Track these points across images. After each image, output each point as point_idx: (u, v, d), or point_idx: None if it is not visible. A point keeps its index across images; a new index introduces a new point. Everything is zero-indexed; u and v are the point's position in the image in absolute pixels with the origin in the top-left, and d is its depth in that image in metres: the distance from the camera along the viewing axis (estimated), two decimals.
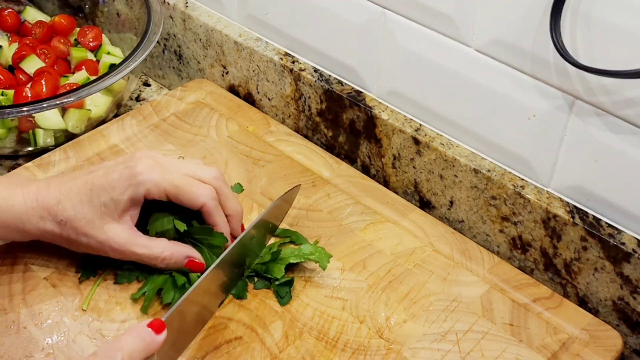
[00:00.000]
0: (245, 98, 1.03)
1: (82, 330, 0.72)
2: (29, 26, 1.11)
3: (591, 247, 0.77)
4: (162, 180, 0.73)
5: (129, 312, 0.74)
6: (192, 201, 0.74)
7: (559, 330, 0.75)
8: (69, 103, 0.91)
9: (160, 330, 0.61)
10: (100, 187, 0.73)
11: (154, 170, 0.73)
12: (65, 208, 0.73)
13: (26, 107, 0.88)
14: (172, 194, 0.73)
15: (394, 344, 0.73)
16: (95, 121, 1.00)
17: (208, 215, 0.75)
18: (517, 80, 0.77)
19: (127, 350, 0.59)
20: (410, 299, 0.77)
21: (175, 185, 0.73)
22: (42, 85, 1.00)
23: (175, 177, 0.74)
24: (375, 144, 0.91)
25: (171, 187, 0.73)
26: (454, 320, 0.75)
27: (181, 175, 0.74)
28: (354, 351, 0.72)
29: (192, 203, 0.74)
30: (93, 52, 1.10)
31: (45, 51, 1.06)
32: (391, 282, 0.79)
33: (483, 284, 0.79)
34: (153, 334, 0.61)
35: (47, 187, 0.74)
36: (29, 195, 0.73)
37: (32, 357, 0.69)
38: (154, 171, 0.73)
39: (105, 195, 0.72)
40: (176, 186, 0.73)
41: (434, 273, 0.80)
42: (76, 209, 0.73)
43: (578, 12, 0.69)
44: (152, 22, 1.00)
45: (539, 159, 0.79)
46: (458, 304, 0.77)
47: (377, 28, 0.86)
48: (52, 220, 0.73)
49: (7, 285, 0.75)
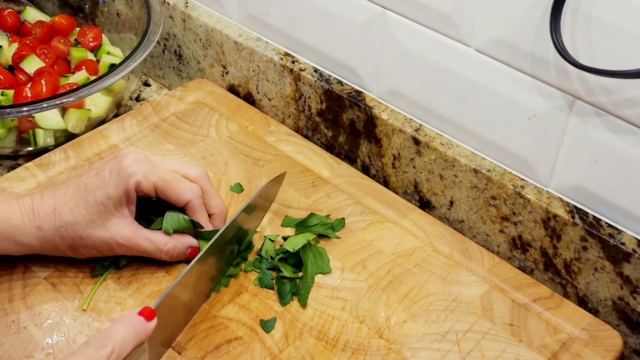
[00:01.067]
0: (245, 98, 1.03)
1: (82, 330, 0.72)
2: (29, 26, 1.11)
3: (591, 247, 0.77)
4: (150, 174, 0.73)
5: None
6: (179, 197, 0.75)
7: (559, 330, 0.75)
8: (69, 103, 0.91)
9: (150, 318, 0.62)
10: (94, 186, 0.73)
11: (143, 163, 0.73)
12: (62, 214, 0.73)
13: (26, 107, 0.88)
14: (160, 188, 0.74)
15: (394, 344, 0.73)
16: (95, 121, 1.00)
17: (192, 212, 0.76)
18: (517, 80, 0.77)
19: (119, 338, 0.59)
20: (410, 299, 0.77)
21: (164, 179, 0.74)
22: (42, 85, 1.00)
23: (163, 172, 0.74)
24: (375, 144, 0.91)
25: (160, 181, 0.74)
26: (454, 320, 0.75)
27: (168, 170, 0.75)
28: (354, 351, 0.72)
29: (178, 199, 0.75)
30: (93, 52, 1.10)
31: (45, 51, 1.06)
32: (391, 282, 0.79)
33: (483, 284, 0.79)
34: (144, 321, 0.62)
35: (41, 197, 0.74)
36: (25, 207, 0.73)
37: (32, 357, 0.69)
38: (142, 164, 0.73)
39: (99, 193, 0.73)
40: (165, 180, 0.74)
41: (434, 273, 0.80)
42: (74, 212, 0.73)
43: (578, 12, 0.69)
44: (152, 22, 1.00)
45: (539, 159, 0.79)
46: (458, 304, 0.77)
47: (377, 28, 0.86)
48: (51, 229, 0.73)
49: (7, 284, 0.75)
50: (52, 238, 0.73)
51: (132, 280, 0.77)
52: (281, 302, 0.76)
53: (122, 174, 0.73)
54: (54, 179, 0.87)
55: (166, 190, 0.74)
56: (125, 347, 0.60)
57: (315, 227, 0.83)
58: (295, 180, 0.89)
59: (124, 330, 0.60)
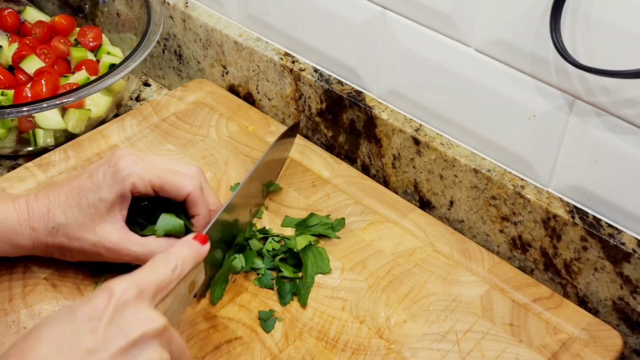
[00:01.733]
0: (245, 98, 1.03)
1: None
2: (29, 26, 1.11)
3: (591, 247, 0.77)
4: (145, 173, 0.73)
5: None
6: (179, 190, 0.74)
7: (559, 330, 0.75)
8: (69, 103, 0.91)
9: (205, 242, 0.67)
10: (87, 189, 0.73)
11: (137, 164, 0.73)
12: (55, 215, 0.73)
13: (26, 107, 0.88)
14: (157, 185, 0.74)
15: (394, 344, 0.73)
16: (95, 121, 1.00)
17: (193, 204, 0.75)
18: (517, 80, 0.77)
19: (180, 257, 0.64)
20: (410, 299, 0.77)
21: (160, 176, 0.74)
22: (42, 85, 1.00)
23: (158, 170, 0.74)
24: (375, 144, 0.91)
25: (156, 179, 0.73)
26: (454, 320, 0.75)
27: (164, 168, 0.75)
28: (354, 351, 0.72)
29: (179, 192, 0.74)
30: (93, 52, 1.10)
31: (45, 51, 1.06)
32: (391, 282, 0.79)
33: (483, 284, 0.79)
34: (199, 244, 0.66)
35: (36, 198, 0.74)
36: (20, 208, 0.73)
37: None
38: (137, 165, 0.73)
39: (92, 196, 0.73)
40: (160, 177, 0.74)
41: (434, 273, 0.80)
42: (66, 214, 0.73)
43: (578, 12, 0.69)
44: (152, 22, 1.00)
45: (539, 159, 0.79)
46: (458, 304, 0.77)
47: (377, 28, 0.86)
48: (44, 230, 0.73)
49: (7, 284, 0.75)
50: (44, 239, 0.73)
51: None
52: (281, 302, 0.76)
53: (117, 176, 0.72)
54: (54, 179, 0.87)
55: (164, 185, 0.74)
56: (185, 266, 0.64)
57: (315, 227, 0.83)
58: (295, 180, 0.89)
59: (185, 251, 0.65)
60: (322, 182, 0.90)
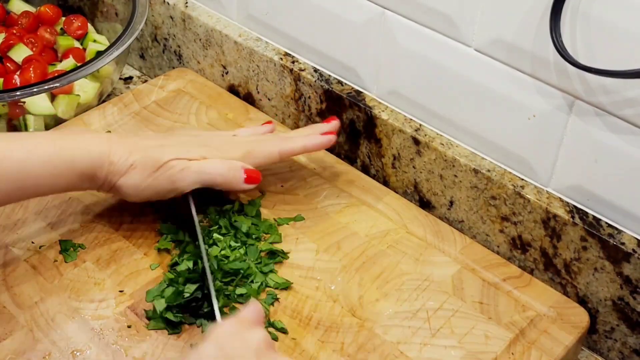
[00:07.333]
0: (245, 98, 1.03)
1: (61, 310, 0.73)
2: (15, 17, 1.12)
3: (591, 247, 0.77)
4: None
5: (107, 292, 0.75)
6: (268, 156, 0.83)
7: (527, 307, 0.76)
8: (59, 87, 0.92)
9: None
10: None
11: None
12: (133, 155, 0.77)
13: (18, 91, 0.90)
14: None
15: (366, 322, 0.74)
16: (84, 107, 1.01)
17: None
18: (517, 80, 0.77)
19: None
20: (383, 279, 0.78)
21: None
22: (31, 72, 1.01)
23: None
24: (375, 144, 0.91)
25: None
26: (425, 298, 0.76)
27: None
28: (327, 328, 0.73)
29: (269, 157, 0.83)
30: (79, 40, 1.11)
31: (32, 40, 1.07)
32: (365, 262, 0.80)
33: (454, 264, 0.80)
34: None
35: (119, 137, 0.78)
36: (112, 136, 0.78)
37: (12, 335, 0.70)
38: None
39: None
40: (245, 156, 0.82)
41: (406, 254, 0.81)
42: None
43: (578, 12, 0.69)
44: (137, 11, 1.02)
45: (539, 159, 0.79)
46: (430, 283, 0.78)
47: (377, 28, 0.86)
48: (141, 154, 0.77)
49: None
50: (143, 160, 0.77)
51: (111, 262, 0.78)
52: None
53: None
54: None
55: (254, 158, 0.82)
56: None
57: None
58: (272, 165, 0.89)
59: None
60: (299, 166, 0.91)
